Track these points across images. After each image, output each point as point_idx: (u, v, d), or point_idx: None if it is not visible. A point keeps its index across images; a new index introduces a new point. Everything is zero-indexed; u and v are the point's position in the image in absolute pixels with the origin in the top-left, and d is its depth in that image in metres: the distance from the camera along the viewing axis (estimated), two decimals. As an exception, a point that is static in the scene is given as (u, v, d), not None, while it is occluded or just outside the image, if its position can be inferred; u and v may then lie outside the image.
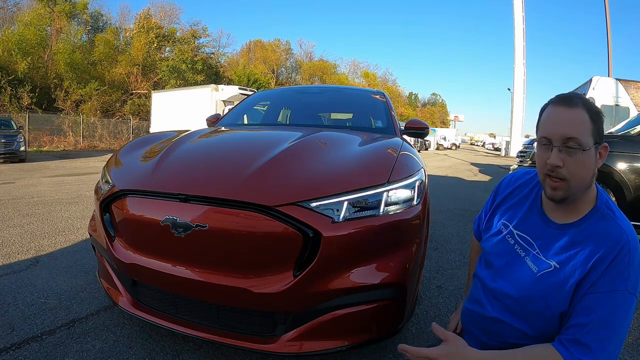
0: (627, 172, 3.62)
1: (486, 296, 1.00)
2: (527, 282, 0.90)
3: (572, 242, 0.86)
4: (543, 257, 0.90)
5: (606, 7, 14.76)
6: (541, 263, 0.89)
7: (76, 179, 7.53)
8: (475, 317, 1.04)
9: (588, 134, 0.82)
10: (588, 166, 0.83)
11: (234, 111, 3.21)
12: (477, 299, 1.04)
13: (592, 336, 0.78)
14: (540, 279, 0.88)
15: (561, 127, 0.83)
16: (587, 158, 0.83)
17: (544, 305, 0.86)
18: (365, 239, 1.33)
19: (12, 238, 3.26)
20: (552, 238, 0.90)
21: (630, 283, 0.78)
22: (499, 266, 0.99)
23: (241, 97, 11.47)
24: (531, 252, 0.93)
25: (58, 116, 18.48)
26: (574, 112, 0.83)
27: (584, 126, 0.82)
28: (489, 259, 1.03)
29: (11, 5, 23.84)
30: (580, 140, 0.81)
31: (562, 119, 0.84)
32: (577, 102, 0.84)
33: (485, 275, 1.03)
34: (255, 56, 40.73)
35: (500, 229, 1.03)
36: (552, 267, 0.87)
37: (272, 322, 1.38)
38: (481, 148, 55.09)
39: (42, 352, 1.63)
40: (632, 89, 10.09)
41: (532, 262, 0.91)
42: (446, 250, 3.45)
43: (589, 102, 0.85)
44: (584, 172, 0.83)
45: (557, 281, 0.85)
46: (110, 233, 1.58)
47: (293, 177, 1.42)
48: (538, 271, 0.89)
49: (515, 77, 25.06)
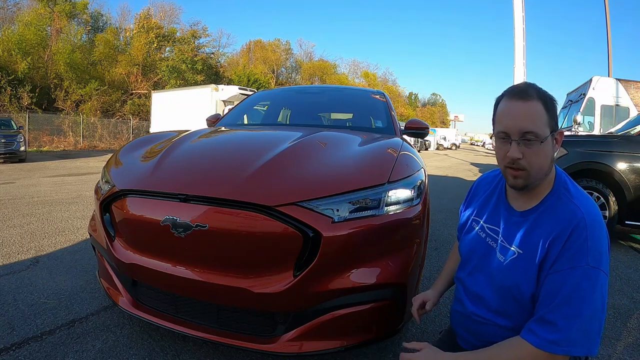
0: (627, 172, 3.61)
1: (466, 294, 1.03)
2: (498, 272, 0.93)
3: (532, 227, 0.89)
4: (507, 244, 0.93)
5: (606, 7, 14.76)
6: (506, 251, 0.92)
7: (76, 179, 7.53)
8: (459, 317, 1.06)
9: (544, 125, 0.85)
10: (546, 154, 0.86)
11: (234, 111, 3.21)
12: (459, 298, 1.07)
13: (557, 314, 0.78)
14: (507, 267, 0.91)
15: (518, 122, 0.85)
16: (545, 147, 0.86)
17: (517, 292, 0.88)
18: (365, 239, 1.33)
19: (12, 238, 3.26)
20: (515, 226, 0.93)
21: (591, 257, 0.78)
22: (476, 261, 1.02)
23: (241, 97, 11.47)
24: (498, 241, 0.96)
25: (58, 116, 18.49)
26: (529, 105, 0.85)
27: (540, 118, 0.84)
28: (466, 257, 1.07)
29: (11, 5, 23.88)
30: (537, 133, 0.84)
31: (518, 113, 0.85)
32: (531, 94, 0.85)
33: (463, 274, 1.06)
34: (255, 56, 40.73)
35: (472, 226, 1.07)
36: (516, 254, 0.90)
37: (272, 322, 1.38)
38: (481, 148, 55.04)
39: (42, 352, 1.63)
40: (632, 89, 10.09)
41: (499, 252, 0.95)
42: (446, 250, 3.45)
43: (542, 92, 0.86)
44: (542, 161, 0.86)
45: (522, 266, 0.88)
46: (110, 233, 1.58)
47: (293, 177, 1.42)
48: (504, 260, 0.92)
49: (515, 77, 25.04)
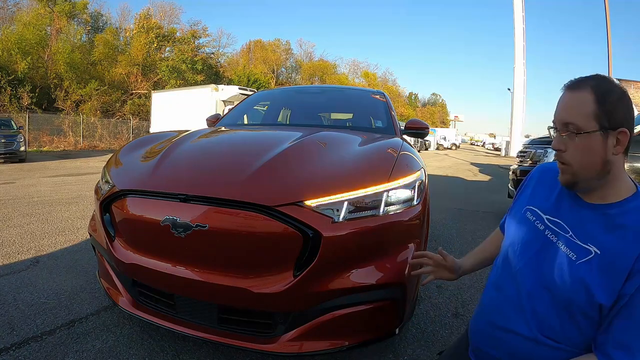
0: (627, 172, 3.61)
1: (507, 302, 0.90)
2: (565, 271, 0.80)
3: (613, 224, 0.77)
4: (579, 241, 0.81)
5: (606, 7, 14.76)
6: (579, 249, 0.80)
7: (76, 179, 7.53)
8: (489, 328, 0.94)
9: (588, 116, 0.77)
10: (590, 151, 0.78)
11: (234, 111, 3.21)
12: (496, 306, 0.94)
13: None
14: (580, 267, 0.78)
15: (561, 112, 0.82)
16: (588, 142, 0.78)
17: (583, 297, 0.77)
18: (365, 239, 1.33)
19: (12, 238, 3.26)
20: (588, 220, 0.82)
21: None
22: (528, 256, 0.89)
23: (241, 97, 11.46)
24: (564, 235, 0.84)
25: (58, 116, 18.47)
26: (577, 95, 0.79)
27: (584, 109, 0.78)
28: (514, 251, 0.93)
29: (11, 5, 23.89)
30: (577, 125, 0.78)
31: (564, 103, 0.82)
32: (583, 85, 0.79)
33: (512, 267, 0.92)
34: (255, 56, 40.73)
35: (527, 216, 0.94)
36: (593, 254, 0.78)
37: (272, 322, 1.38)
38: (481, 148, 55.07)
39: (42, 352, 1.63)
40: (632, 89, 10.11)
41: (568, 247, 0.82)
42: (446, 250, 3.44)
43: (601, 83, 0.78)
44: (586, 158, 0.79)
45: (600, 269, 0.76)
46: (111, 233, 1.58)
47: (293, 177, 1.42)
48: (577, 258, 0.79)
49: (515, 77, 25.08)
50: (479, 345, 0.97)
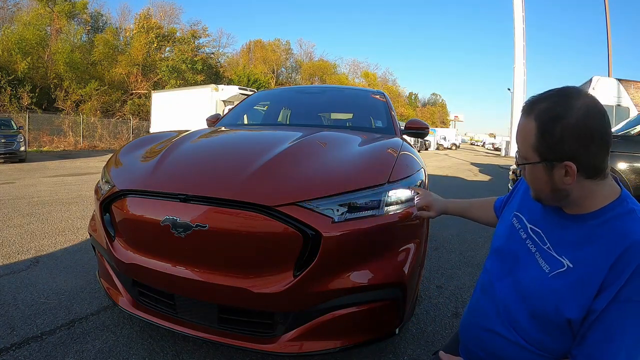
0: (627, 172, 3.62)
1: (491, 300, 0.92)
2: (537, 283, 0.80)
3: (590, 236, 0.75)
4: (555, 253, 0.80)
5: (606, 7, 14.76)
6: (553, 261, 0.79)
7: (76, 179, 7.53)
8: (477, 319, 0.95)
9: (530, 147, 0.76)
10: (538, 180, 0.78)
11: (234, 111, 3.21)
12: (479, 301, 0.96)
13: (620, 355, 0.68)
14: (551, 281, 0.78)
15: (516, 135, 0.81)
16: (533, 171, 0.78)
17: (551, 311, 0.76)
18: (365, 239, 1.33)
19: (12, 238, 3.26)
20: (565, 231, 0.80)
21: None
22: (510, 263, 0.90)
23: (241, 97, 11.47)
24: (542, 246, 0.83)
25: (58, 116, 18.47)
26: (525, 122, 0.77)
27: (527, 139, 0.76)
28: (497, 257, 0.95)
29: (11, 5, 23.87)
30: (522, 153, 0.78)
31: (518, 127, 0.81)
32: (534, 110, 0.76)
33: (495, 271, 0.94)
34: (255, 56, 40.75)
35: (513, 222, 0.94)
36: (565, 267, 0.76)
37: (272, 322, 1.38)
38: (481, 148, 55.10)
39: (42, 352, 1.63)
40: (632, 89, 10.11)
41: (543, 259, 0.81)
42: (446, 250, 3.45)
43: (552, 108, 0.73)
44: (537, 184, 0.80)
45: (570, 284, 0.74)
46: (111, 233, 1.58)
47: (293, 177, 1.42)
48: (550, 271, 0.78)
49: (515, 77, 25.05)
50: (467, 345, 0.98)
